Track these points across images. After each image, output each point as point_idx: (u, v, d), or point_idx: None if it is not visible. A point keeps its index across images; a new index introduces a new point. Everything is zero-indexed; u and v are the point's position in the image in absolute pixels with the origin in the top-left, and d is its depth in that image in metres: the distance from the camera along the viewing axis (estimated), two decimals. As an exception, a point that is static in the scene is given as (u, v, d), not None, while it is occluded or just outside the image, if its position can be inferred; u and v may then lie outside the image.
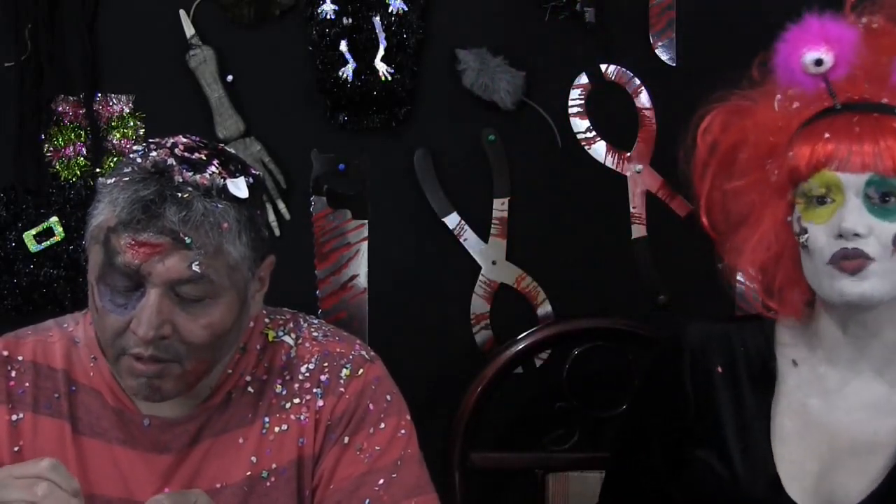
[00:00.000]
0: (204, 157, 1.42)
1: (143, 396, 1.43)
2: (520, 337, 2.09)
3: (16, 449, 1.49)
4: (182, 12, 2.10)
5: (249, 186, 1.43)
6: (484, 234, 2.16)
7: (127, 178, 1.39)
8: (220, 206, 1.39)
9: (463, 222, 2.15)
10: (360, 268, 2.16)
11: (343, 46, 2.10)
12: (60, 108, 2.11)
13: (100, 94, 2.11)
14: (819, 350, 1.61)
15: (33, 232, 2.09)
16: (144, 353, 1.39)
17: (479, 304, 2.18)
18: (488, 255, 2.17)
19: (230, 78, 2.12)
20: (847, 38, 1.52)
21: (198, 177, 1.39)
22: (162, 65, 2.12)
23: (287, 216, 2.15)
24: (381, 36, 2.09)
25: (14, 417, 1.49)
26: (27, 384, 1.51)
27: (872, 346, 1.57)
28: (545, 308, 2.18)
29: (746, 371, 1.64)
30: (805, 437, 1.59)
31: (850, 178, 1.48)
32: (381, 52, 2.10)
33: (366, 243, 2.16)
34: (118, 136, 2.11)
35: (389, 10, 2.10)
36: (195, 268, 1.37)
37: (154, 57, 2.12)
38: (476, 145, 2.15)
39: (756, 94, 1.63)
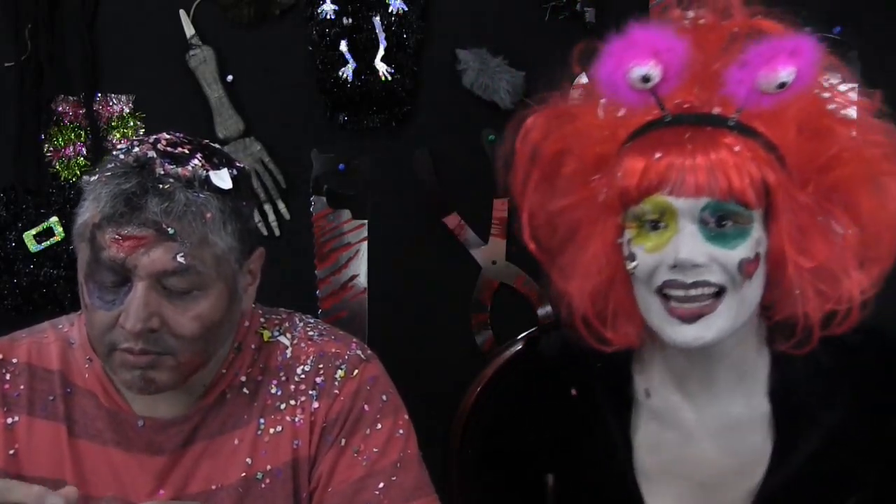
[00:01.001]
0: (187, 151, 1.42)
1: (137, 389, 1.42)
2: (520, 337, 2.09)
3: (11, 452, 1.48)
4: (182, 12, 2.10)
5: (233, 178, 1.42)
6: (484, 234, 2.16)
7: (109, 174, 1.39)
8: (202, 196, 1.38)
9: (463, 222, 2.15)
10: (360, 268, 2.16)
11: (343, 46, 2.10)
12: (60, 108, 2.11)
13: (100, 94, 2.12)
14: (668, 378, 1.51)
15: (33, 232, 2.09)
16: (135, 347, 1.38)
17: (479, 304, 2.18)
18: (488, 255, 2.16)
19: (230, 78, 2.12)
20: (677, 50, 1.38)
21: (179, 169, 1.38)
22: (162, 65, 2.12)
23: (287, 216, 2.15)
24: (381, 36, 2.09)
25: (9, 420, 1.49)
26: (22, 387, 1.50)
27: (720, 369, 1.47)
28: (545, 308, 2.18)
29: (604, 394, 1.52)
30: (672, 473, 1.50)
31: (684, 203, 1.36)
32: (381, 52, 2.10)
33: (366, 243, 2.16)
34: (118, 136, 2.11)
35: (389, 10, 2.10)
36: (180, 259, 1.37)
37: (154, 57, 2.12)
38: (476, 145, 2.15)
39: (578, 97, 1.51)
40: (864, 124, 1.45)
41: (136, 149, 1.41)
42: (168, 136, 1.45)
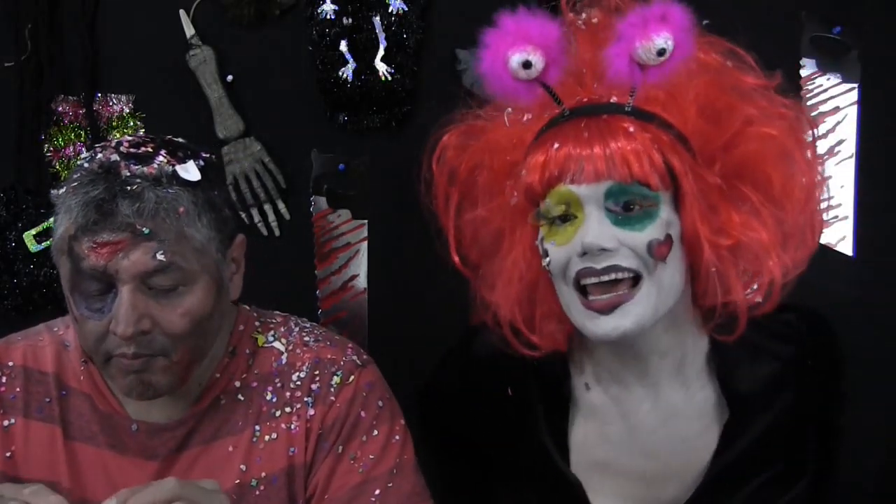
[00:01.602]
0: (150, 150, 1.42)
1: (136, 395, 1.42)
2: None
3: (8, 455, 1.49)
4: (182, 12, 2.10)
5: (201, 169, 1.42)
6: (484, 234, 2.16)
7: (76, 183, 1.39)
8: (171, 191, 1.38)
9: (463, 222, 2.15)
10: (359, 268, 2.16)
11: (343, 46, 2.09)
12: (60, 108, 2.11)
13: (100, 94, 2.11)
14: (605, 372, 1.50)
15: (33, 232, 2.09)
16: (128, 351, 1.38)
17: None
18: (488, 256, 2.16)
19: (230, 78, 2.12)
20: (551, 34, 1.37)
21: (145, 168, 1.39)
22: (162, 65, 2.12)
23: (287, 216, 2.15)
24: (381, 36, 2.09)
25: (6, 423, 1.50)
26: (18, 389, 1.51)
27: (653, 361, 1.46)
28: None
29: (540, 393, 1.52)
30: (615, 467, 1.50)
31: (586, 190, 1.36)
32: (381, 52, 2.09)
33: (366, 243, 2.16)
34: (118, 136, 2.11)
35: (389, 10, 2.09)
36: (160, 257, 1.37)
37: (154, 57, 2.12)
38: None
39: (488, 111, 1.51)
40: (767, 99, 1.45)
41: (100, 155, 1.41)
42: (130, 138, 1.45)
